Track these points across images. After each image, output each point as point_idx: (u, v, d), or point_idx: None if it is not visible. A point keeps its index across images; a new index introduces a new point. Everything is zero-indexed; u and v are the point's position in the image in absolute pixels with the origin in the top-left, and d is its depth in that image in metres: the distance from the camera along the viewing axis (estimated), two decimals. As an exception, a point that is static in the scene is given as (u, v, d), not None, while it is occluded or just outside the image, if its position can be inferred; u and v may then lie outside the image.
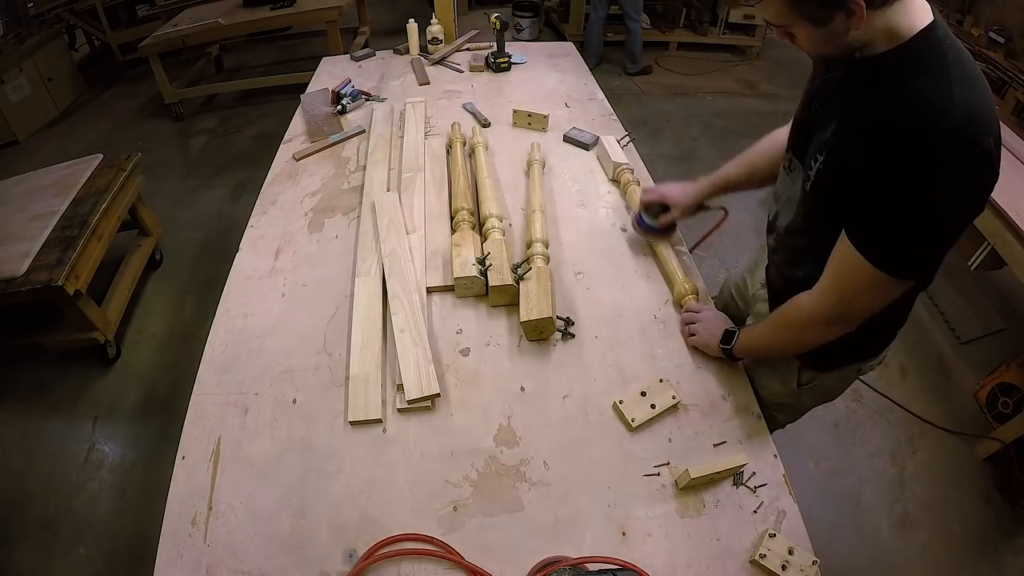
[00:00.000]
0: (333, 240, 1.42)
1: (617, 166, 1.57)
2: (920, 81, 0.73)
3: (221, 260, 1.43)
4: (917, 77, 0.73)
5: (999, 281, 2.60)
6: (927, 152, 0.71)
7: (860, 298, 0.86)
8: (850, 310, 0.88)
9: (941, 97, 0.71)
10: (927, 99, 0.72)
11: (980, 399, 2.12)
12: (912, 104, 0.73)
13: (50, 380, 2.27)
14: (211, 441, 1.01)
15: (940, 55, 0.74)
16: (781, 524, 0.91)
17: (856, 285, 0.84)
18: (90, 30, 4.61)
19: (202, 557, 0.86)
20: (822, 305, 0.90)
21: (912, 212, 0.75)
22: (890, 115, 0.74)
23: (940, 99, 0.71)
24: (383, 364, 1.10)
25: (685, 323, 1.18)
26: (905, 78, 0.75)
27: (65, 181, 2.31)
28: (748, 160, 1.23)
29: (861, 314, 0.89)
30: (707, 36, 4.79)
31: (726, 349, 1.08)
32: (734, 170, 1.25)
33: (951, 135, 0.70)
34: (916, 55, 0.75)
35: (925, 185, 0.72)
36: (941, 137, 0.70)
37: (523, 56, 2.27)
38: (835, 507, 1.88)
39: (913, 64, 0.75)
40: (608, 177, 1.61)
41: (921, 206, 0.74)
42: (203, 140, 3.83)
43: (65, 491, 1.91)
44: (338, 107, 1.92)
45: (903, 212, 0.75)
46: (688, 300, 1.21)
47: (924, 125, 0.71)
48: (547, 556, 0.86)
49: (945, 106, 0.70)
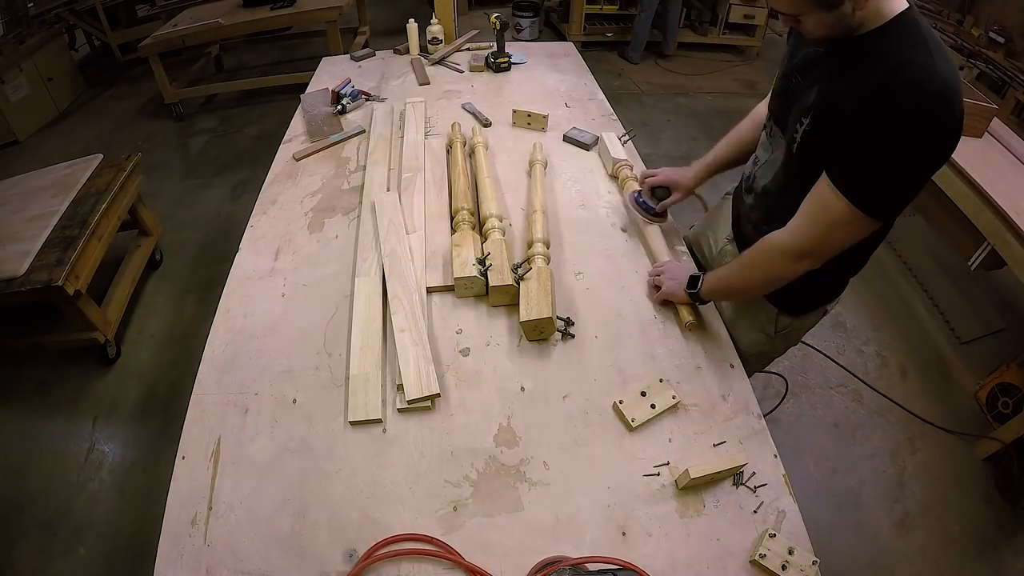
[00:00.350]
0: (333, 240, 1.42)
1: (616, 162, 1.57)
2: (907, 52, 0.84)
3: (221, 260, 1.43)
4: (904, 49, 0.84)
5: (999, 281, 2.60)
6: (914, 109, 0.82)
7: (833, 234, 0.94)
8: (821, 246, 0.97)
9: (926, 65, 0.82)
10: (915, 65, 0.82)
11: (980, 399, 2.12)
12: (902, 68, 0.83)
13: (50, 380, 2.27)
14: (211, 441, 1.01)
15: (920, 32, 0.86)
16: (781, 524, 0.91)
17: (831, 221, 0.93)
18: (90, 30, 4.60)
19: (202, 557, 0.86)
20: (795, 240, 0.98)
21: (894, 159, 0.85)
22: (883, 78, 0.84)
23: (926, 66, 0.82)
24: (383, 364, 1.10)
25: (651, 283, 1.26)
26: (894, 49, 0.85)
27: (65, 181, 2.31)
28: (735, 139, 1.34)
29: (831, 250, 0.97)
30: (707, 36, 4.79)
31: (692, 293, 1.16)
32: (724, 151, 1.35)
33: (934, 96, 0.81)
34: (901, 30, 0.86)
35: (909, 137, 0.83)
36: (926, 97, 0.81)
37: (523, 56, 2.27)
38: (835, 507, 1.88)
39: (899, 37, 0.86)
40: (608, 172, 1.61)
41: (903, 155, 0.85)
42: (203, 140, 3.82)
43: (65, 491, 1.91)
44: (338, 107, 1.92)
45: (886, 159, 0.86)
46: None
47: (913, 86, 0.82)
48: (547, 556, 0.86)
49: (930, 73, 0.81)
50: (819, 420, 2.13)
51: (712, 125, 3.91)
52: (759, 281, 1.10)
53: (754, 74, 4.64)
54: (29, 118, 3.88)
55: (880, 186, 0.88)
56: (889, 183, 0.88)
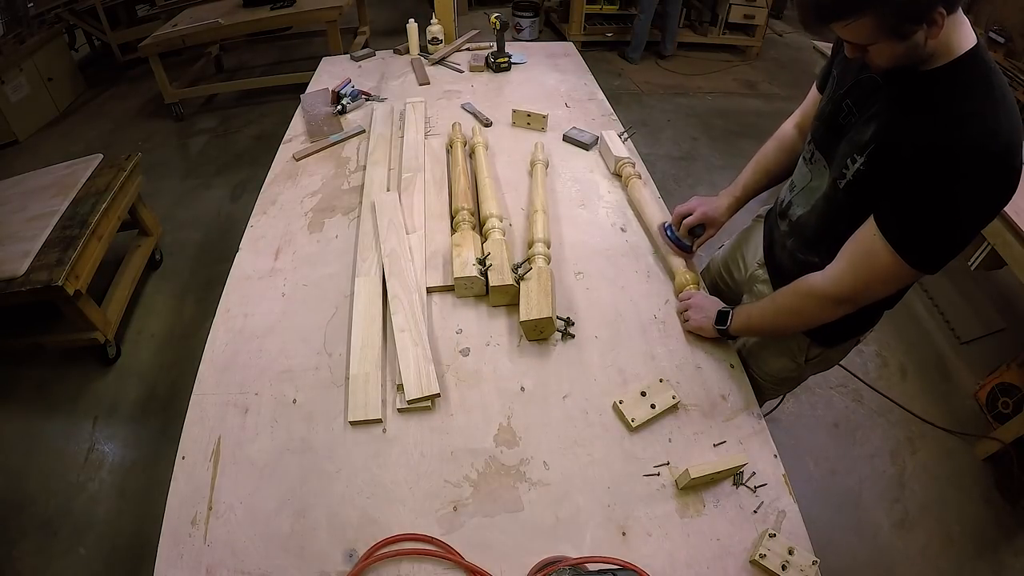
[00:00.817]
0: (333, 240, 1.42)
1: (618, 160, 1.57)
2: (971, 104, 0.80)
3: (221, 260, 1.43)
4: (968, 100, 0.81)
5: (999, 281, 2.60)
6: (973, 171, 0.79)
7: (875, 284, 0.92)
8: (862, 294, 0.94)
9: (990, 122, 0.79)
10: (978, 123, 0.79)
11: (980, 399, 2.12)
12: (964, 125, 0.79)
13: (50, 380, 2.27)
14: (211, 441, 1.01)
15: (987, 79, 0.81)
16: (781, 524, 0.91)
17: (874, 270, 0.90)
18: (90, 30, 4.60)
19: (202, 557, 0.86)
20: (836, 287, 0.95)
21: (950, 218, 0.83)
22: (943, 130, 0.80)
23: (989, 124, 0.79)
24: (383, 364, 1.10)
25: (680, 311, 1.23)
26: (958, 99, 0.81)
27: (65, 181, 2.31)
28: (762, 166, 1.29)
29: (871, 298, 0.95)
30: (707, 36, 4.79)
31: (721, 329, 1.13)
32: (751, 178, 1.30)
33: (995, 159, 0.78)
34: (966, 75, 0.82)
35: (966, 197, 0.81)
36: (987, 160, 0.78)
37: (523, 56, 2.27)
38: (835, 507, 1.88)
39: (964, 84, 0.82)
40: (610, 171, 1.61)
41: (960, 214, 0.82)
42: (203, 140, 3.82)
43: (65, 491, 1.91)
44: (338, 107, 1.92)
45: (942, 216, 0.83)
46: (689, 288, 1.24)
47: (975, 148, 0.78)
48: (547, 556, 0.86)
49: (993, 131, 0.78)
50: (819, 420, 2.13)
51: (712, 125, 3.91)
52: (794, 324, 1.07)
53: (754, 74, 4.64)
54: (29, 118, 3.88)
55: (933, 241, 0.86)
56: (942, 239, 0.85)
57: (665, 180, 3.31)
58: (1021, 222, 1.83)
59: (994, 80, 0.81)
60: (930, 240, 0.85)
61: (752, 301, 1.24)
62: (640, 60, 4.67)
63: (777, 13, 5.56)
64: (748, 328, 1.12)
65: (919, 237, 0.85)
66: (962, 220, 0.83)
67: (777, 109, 4.12)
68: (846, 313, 0.98)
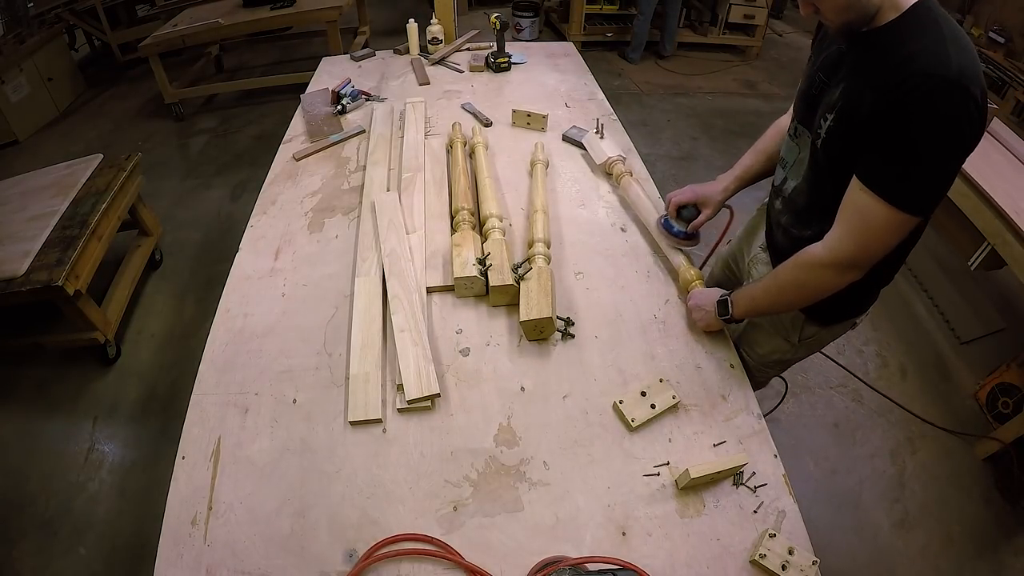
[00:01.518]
0: (333, 240, 1.42)
1: (608, 160, 1.57)
2: (919, 42, 0.83)
3: (221, 260, 1.44)
4: (916, 39, 0.84)
5: (999, 281, 2.59)
6: (930, 97, 0.81)
7: (876, 239, 0.92)
8: (865, 253, 0.94)
9: (937, 53, 0.81)
10: (926, 55, 0.82)
11: (980, 399, 2.13)
12: (912, 60, 0.82)
13: (50, 380, 2.27)
14: (211, 441, 1.01)
15: (934, 24, 0.84)
16: (781, 524, 0.91)
17: (869, 226, 0.90)
18: (90, 30, 4.60)
19: (202, 557, 0.86)
20: (839, 251, 0.95)
21: (921, 153, 0.84)
22: (895, 69, 0.84)
23: (937, 55, 0.81)
24: (383, 364, 1.10)
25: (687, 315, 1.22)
26: (906, 40, 0.85)
27: (65, 181, 2.31)
28: (762, 148, 1.29)
29: (875, 256, 0.94)
30: (707, 36, 4.79)
31: (726, 319, 1.13)
32: (751, 160, 1.30)
33: (949, 83, 0.80)
34: (913, 22, 0.86)
35: (929, 126, 0.82)
36: (941, 84, 0.80)
37: (523, 56, 2.27)
38: (835, 507, 1.88)
39: (911, 29, 0.85)
40: (602, 169, 1.61)
41: (929, 147, 0.83)
42: (203, 140, 3.82)
43: (65, 491, 1.91)
44: (338, 107, 1.92)
45: (914, 153, 0.84)
46: (693, 286, 1.23)
47: (926, 74, 0.81)
48: (547, 556, 0.86)
49: (942, 60, 0.80)
50: (819, 420, 2.13)
51: (712, 125, 3.91)
52: (799, 298, 1.06)
53: (754, 74, 4.64)
54: (29, 118, 3.88)
55: (914, 181, 0.86)
56: (922, 177, 0.86)
57: (665, 180, 3.31)
58: (1021, 222, 1.83)
59: (943, 24, 0.84)
60: (910, 178, 0.86)
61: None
62: (640, 60, 4.67)
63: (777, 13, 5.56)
64: (753, 309, 1.11)
65: (899, 178, 0.86)
66: (935, 151, 0.84)
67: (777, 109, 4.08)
68: (855, 278, 0.97)
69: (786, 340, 1.23)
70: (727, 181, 1.31)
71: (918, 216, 0.89)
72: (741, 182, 1.31)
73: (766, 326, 1.24)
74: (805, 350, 1.28)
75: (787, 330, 1.22)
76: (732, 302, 1.11)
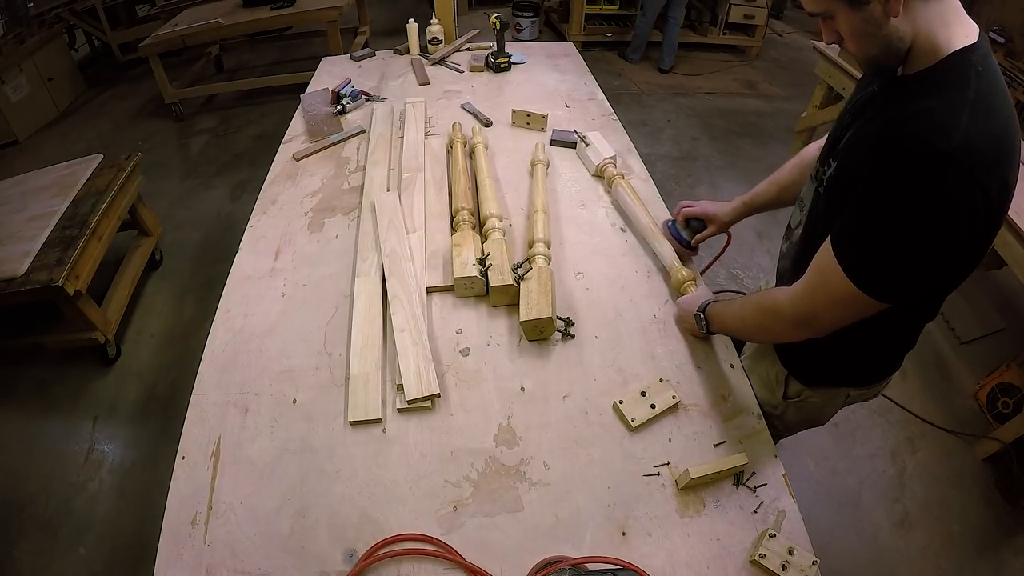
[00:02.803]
0: (333, 240, 1.42)
1: (600, 163, 1.56)
2: (932, 100, 0.71)
3: (221, 260, 1.44)
4: (931, 96, 0.72)
5: (999, 281, 2.60)
6: (916, 170, 0.69)
7: (829, 307, 0.84)
8: (818, 317, 0.87)
9: (946, 119, 0.69)
10: (930, 118, 0.70)
11: (980, 399, 2.13)
12: (914, 120, 0.71)
13: (50, 380, 2.27)
14: (211, 441, 1.01)
15: (964, 79, 0.71)
16: (781, 524, 0.91)
17: (829, 293, 0.82)
18: (90, 30, 4.60)
19: (202, 557, 0.86)
20: (793, 305, 0.89)
21: (891, 230, 0.73)
22: (891, 127, 0.74)
23: (944, 120, 0.69)
24: (383, 364, 1.10)
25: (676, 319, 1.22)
26: (919, 95, 0.73)
27: (65, 181, 2.31)
28: (776, 179, 1.24)
29: (830, 324, 0.87)
30: (707, 36, 4.79)
31: (699, 316, 1.11)
32: (763, 189, 1.27)
33: (943, 158, 0.67)
34: (940, 74, 0.73)
35: (907, 203, 0.70)
36: (932, 158, 0.68)
37: (523, 56, 2.27)
38: (835, 507, 1.88)
39: (933, 83, 0.73)
40: (591, 174, 1.61)
41: (901, 225, 0.72)
42: (203, 140, 3.83)
43: (65, 491, 1.91)
44: (338, 107, 1.92)
45: (882, 228, 0.74)
46: (686, 287, 1.22)
47: (918, 141, 0.69)
48: (547, 556, 0.86)
49: (947, 128, 0.68)
50: (819, 420, 2.13)
51: (712, 125, 3.91)
52: (763, 337, 1.05)
53: (754, 74, 4.64)
54: (29, 118, 3.88)
55: (877, 262, 0.75)
56: (887, 259, 0.74)
57: (665, 180, 3.31)
58: (1021, 222, 1.83)
59: (974, 82, 0.71)
60: (875, 259, 0.75)
61: None
62: (640, 60, 4.67)
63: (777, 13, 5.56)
64: (724, 330, 1.10)
65: (865, 253, 0.76)
66: (908, 234, 0.72)
67: (777, 109, 4.12)
68: (812, 336, 0.90)
69: (772, 393, 1.16)
70: (736, 205, 1.28)
71: (880, 301, 0.78)
72: (748, 208, 1.27)
73: (757, 372, 1.18)
74: (795, 412, 1.16)
75: (771, 382, 1.16)
76: (707, 319, 1.09)
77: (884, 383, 1.14)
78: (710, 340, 1.18)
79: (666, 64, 4.59)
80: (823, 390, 1.12)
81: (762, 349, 1.20)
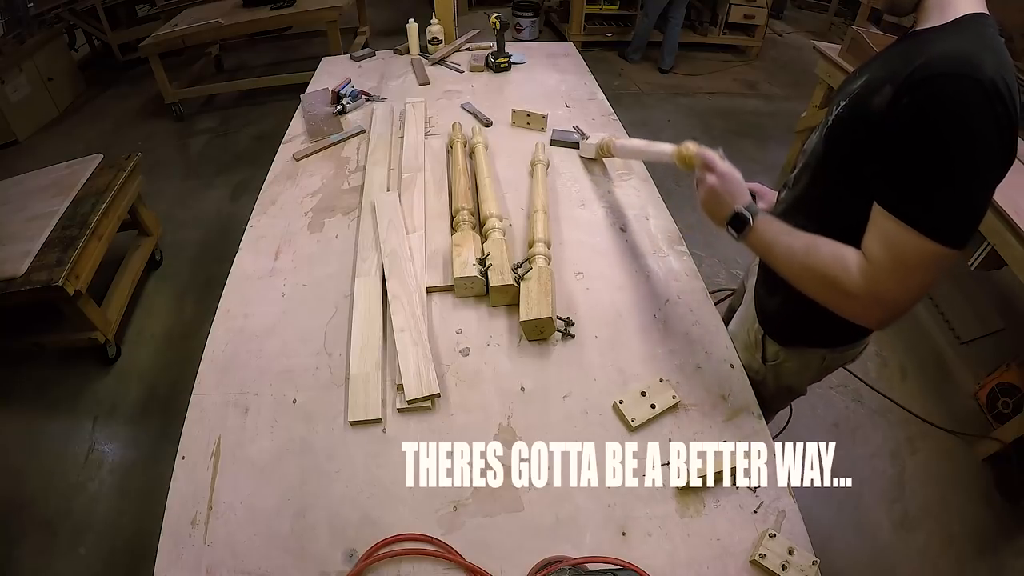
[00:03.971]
0: (333, 240, 1.42)
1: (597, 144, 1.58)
2: (955, 42, 0.74)
3: (221, 260, 1.43)
4: (951, 40, 0.75)
5: (999, 281, 2.59)
6: (951, 96, 0.70)
7: (919, 277, 0.77)
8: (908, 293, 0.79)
9: (969, 54, 0.71)
10: (960, 53, 0.72)
11: (980, 399, 2.13)
12: (944, 57, 0.72)
13: (50, 380, 2.27)
14: (211, 441, 1.01)
15: (978, 32, 0.76)
16: (781, 524, 0.90)
17: (907, 264, 0.76)
18: (90, 30, 4.61)
19: (202, 557, 0.86)
20: (878, 283, 0.79)
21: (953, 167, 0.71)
22: (921, 65, 0.72)
23: (967, 54, 0.71)
24: (383, 364, 1.10)
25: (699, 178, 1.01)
26: (940, 40, 0.76)
27: (65, 181, 2.31)
28: None
29: (918, 296, 0.80)
30: (707, 36, 4.79)
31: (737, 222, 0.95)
32: None
33: (981, 85, 0.68)
34: (952, 26, 0.78)
35: (957, 134, 0.70)
36: (972, 85, 0.69)
37: (523, 56, 2.27)
38: (835, 507, 1.88)
39: (949, 31, 0.78)
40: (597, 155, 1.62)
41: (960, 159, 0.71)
42: (203, 140, 3.83)
43: (65, 491, 1.91)
44: (338, 107, 1.92)
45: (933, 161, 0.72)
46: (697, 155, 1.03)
47: (947, 73, 0.70)
48: (547, 556, 0.86)
49: (977, 62, 0.70)
50: (819, 420, 2.13)
51: (712, 125, 3.91)
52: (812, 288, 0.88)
53: (754, 74, 4.64)
54: (29, 118, 3.88)
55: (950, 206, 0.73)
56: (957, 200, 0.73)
57: (665, 180, 3.30)
58: (1021, 222, 1.83)
59: (988, 35, 0.75)
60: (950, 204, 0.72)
61: None
62: (640, 60, 4.67)
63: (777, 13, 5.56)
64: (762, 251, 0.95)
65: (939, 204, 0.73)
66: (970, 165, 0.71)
67: (777, 109, 4.12)
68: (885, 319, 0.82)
69: (752, 356, 1.15)
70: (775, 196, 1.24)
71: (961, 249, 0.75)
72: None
73: (740, 334, 1.18)
74: (774, 379, 1.15)
75: (751, 344, 1.15)
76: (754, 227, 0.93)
77: (859, 347, 1.12)
78: (710, 340, 1.17)
79: (666, 64, 4.59)
80: (798, 351, 1.13)
81: (746, 312, 1.19)
